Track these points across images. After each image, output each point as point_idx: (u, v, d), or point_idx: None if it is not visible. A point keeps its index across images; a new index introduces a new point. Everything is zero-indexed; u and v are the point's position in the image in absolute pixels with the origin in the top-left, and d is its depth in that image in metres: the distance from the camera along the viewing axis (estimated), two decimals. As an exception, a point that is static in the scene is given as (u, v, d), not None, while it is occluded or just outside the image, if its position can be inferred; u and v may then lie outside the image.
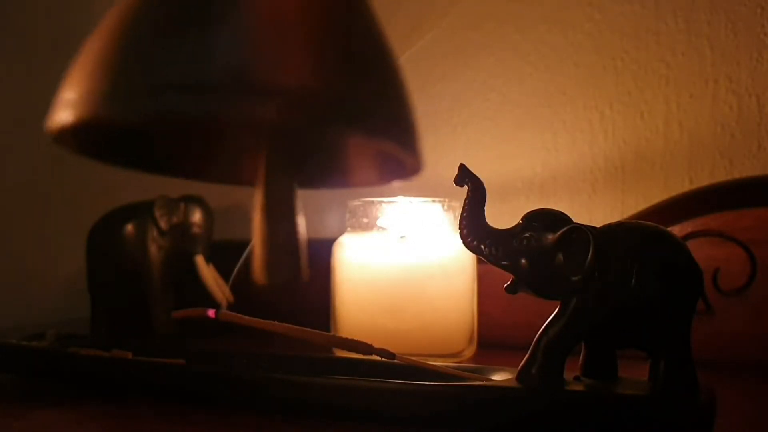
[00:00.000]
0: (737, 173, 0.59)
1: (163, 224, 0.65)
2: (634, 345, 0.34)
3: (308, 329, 0.39)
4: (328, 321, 0.56)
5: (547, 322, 0.34)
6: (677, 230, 0.55)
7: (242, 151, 0.49)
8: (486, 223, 0.35)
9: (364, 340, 0.38)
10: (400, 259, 0.53)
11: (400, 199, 0.56)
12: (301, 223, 0.40)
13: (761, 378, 0.49)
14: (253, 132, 0.43)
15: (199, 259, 0.66)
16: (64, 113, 0.32)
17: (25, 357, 0.44)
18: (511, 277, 0.35)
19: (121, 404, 0.40)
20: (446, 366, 0.38)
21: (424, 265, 0.53)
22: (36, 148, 0.98)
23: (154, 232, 0.65)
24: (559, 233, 0.34)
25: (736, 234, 0.42)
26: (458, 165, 0.36)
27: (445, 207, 0.55)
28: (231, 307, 0.65)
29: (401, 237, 0.54)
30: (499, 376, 0.37)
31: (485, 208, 0.36)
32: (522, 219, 0.35)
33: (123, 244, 0.64)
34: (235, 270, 0.64)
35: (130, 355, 0.42)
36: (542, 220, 0.35)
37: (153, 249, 0.65)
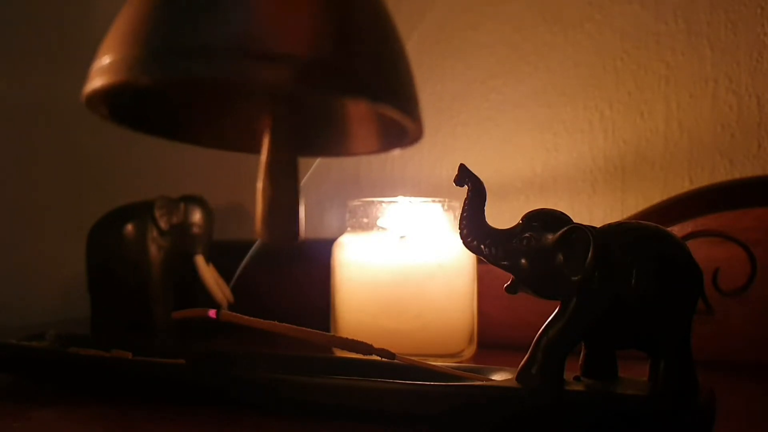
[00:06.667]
0: (737, 173, 0.59)
1: (163, 224, 0.65)
2: (634, 345, 0.34)
3: (308, 329, 0.39)
4: (328, 321, 0.56)
5: (547, 322, 0.34)
6: (677, 230, 0.55)
7: (256, 118, 0.50)
8: (486, 223, 0.35)
9: (364, 340, 0.38)
10: (400, 259, 0.53)
11: (400, 199, 0.56)
12: (299, 188, 0.41)
13: (761, 378, 0.49)
14: (262, 97, 0.44)
15: (199, 259, 0.66)
16: (93, 80, 0.34)
17: (25, 357, 0.44)
18: (511, 277, 0.35)
19: (121, 404, 0.40)
20: (446, 366, 0.38)
21: (424, 265, 0.53)
22: (36, 148, 0.98)
23: (154, 232, 0.65)
24: (559, 233, 0.34)
25: (736, 234, 0.42)
26: (458, 165, 0.36)
27: (445, 207, 0.55)
28: (231, 307, 0.65)
29: (401, 237, 0.54)
30: (499, 376, 0.37)
31: (485, 208, 0.36)
32: (522, 219, 0.35)
33: (123, 244, 0.64)
34: (239, 270, 0.64)
35: (130, 355, 0.42)
36: (542, 220, 0.35)
37: (153, 249, 0.65)
